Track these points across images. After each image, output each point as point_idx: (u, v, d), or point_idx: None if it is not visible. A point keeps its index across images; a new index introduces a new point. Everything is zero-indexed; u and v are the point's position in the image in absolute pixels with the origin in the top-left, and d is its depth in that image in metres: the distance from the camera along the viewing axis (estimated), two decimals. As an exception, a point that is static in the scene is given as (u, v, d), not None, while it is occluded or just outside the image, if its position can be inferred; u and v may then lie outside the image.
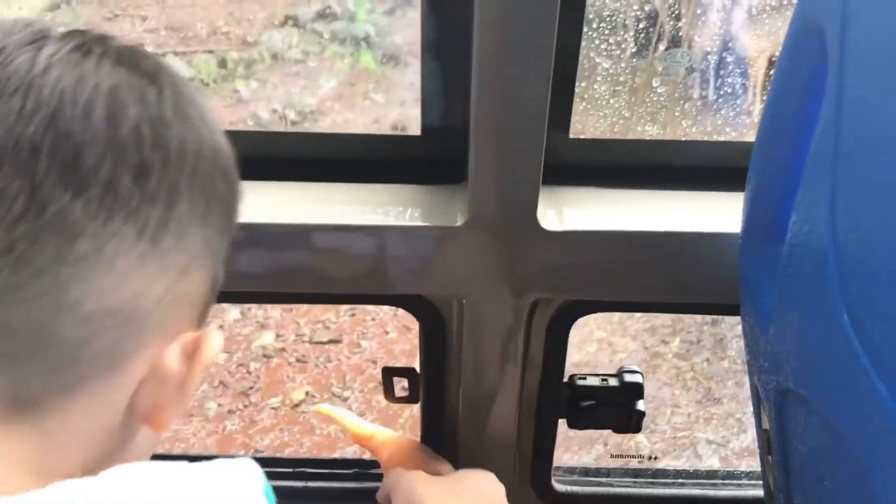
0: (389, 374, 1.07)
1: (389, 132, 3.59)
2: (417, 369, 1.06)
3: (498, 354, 0.98)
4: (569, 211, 0.88)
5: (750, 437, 2.73)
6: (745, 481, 1.17)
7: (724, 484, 1.16)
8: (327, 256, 0.88)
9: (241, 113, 3.75)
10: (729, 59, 2.32)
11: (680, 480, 1.16)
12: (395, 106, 3.79)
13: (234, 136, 0.92)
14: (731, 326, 3.10)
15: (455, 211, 0.88)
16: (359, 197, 0.90)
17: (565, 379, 1.05)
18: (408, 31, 3.81)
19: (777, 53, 0.76)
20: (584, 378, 1.05)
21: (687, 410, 2.89)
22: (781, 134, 0.70)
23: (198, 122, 0.51)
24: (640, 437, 2.92)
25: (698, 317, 3.07)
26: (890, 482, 0.50)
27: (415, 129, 0.89)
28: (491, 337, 0.95)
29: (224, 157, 0.54)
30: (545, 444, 1.09)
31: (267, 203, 0.88)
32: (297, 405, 3.07)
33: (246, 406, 3.06)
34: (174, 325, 0.51)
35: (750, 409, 0.82)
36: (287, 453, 2.69)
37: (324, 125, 3.71)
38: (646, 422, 1.09)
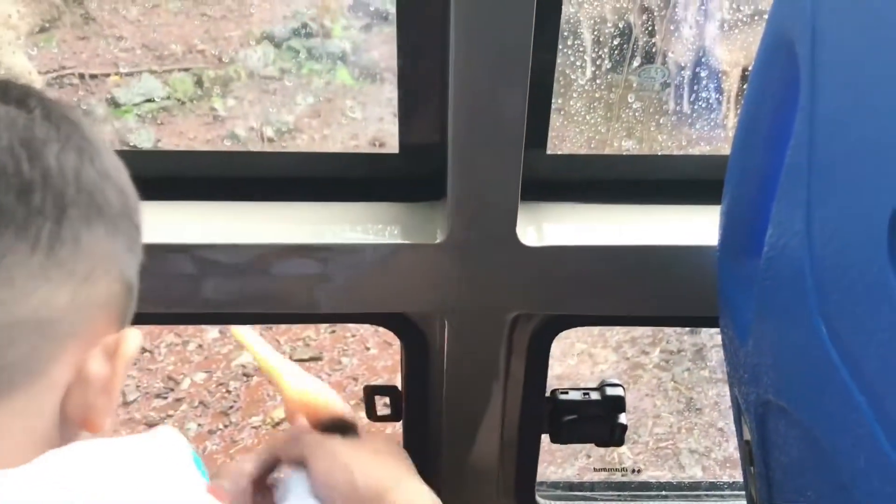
0: (371, 392, 1.06)
1: (367, 150, 3.59)
2: (399, 387, 1.06)
3: (480, 370, 0.98)
4: (548, 226, 0.88)
5: (732, 447, 2.74)
6: (727, 492, 1.18)
7: (707, 495, 1.17)
8: (305, 276, 0.88)
9: (219, 131, 3.73)
10: (702, 73, 2.35)
11: (663, 493, 1.16)
12: (373, 122, 3.78)
13: (212, 158, 0.92)
14: (711, 336, 3.12)
15: (434, 228, 0.88)
16: (337, 215, 0.90)
17: (547, 393, 1.05)
18: (384, 47, 3.82)
19: (750, 67, 0.77)
20: (566, 392, 1.05)
21: (668, 421, 2.90)
22: (755, 148, 0.71)
23: (75, 136, 0.53)
24: (622, 448, 2.93)
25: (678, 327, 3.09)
26: (871, 491, 0.50)
27: (393, 144, 0.90)
28: (473, 353, 0.95)
29: (108, 164, 0.56)
30: (528, 458, 1.09)
31: (246, 223, 0.88)
32: (278, 424, 3.05)
33: (226, 426, 3.03)
34: (90, 330, 0.53)
35: (731, 418, 0.83)
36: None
37: (301, 142, 3.70)
38: (628, 433, 1.09)
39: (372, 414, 1.08)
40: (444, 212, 0.87)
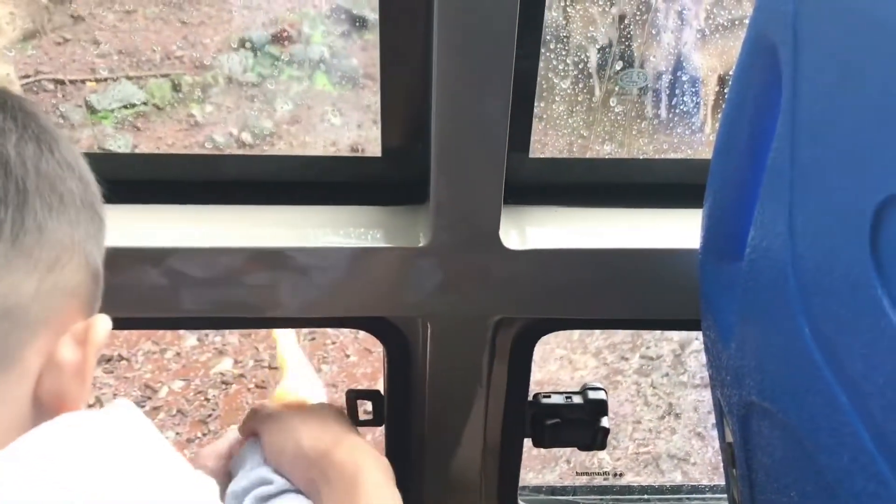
0: (353, 397, 1.06)
1: (349, 154, 3.58)
2: (381, 391, 1.05)
3: (462, 375, 0.98)
4: (531, 230, 0.88)
5: (711, 451, 2.76)
6: (709, 495, 1.18)
7: (688, 498, 1.17)
8: (287, 280, 0.88)
9: (197, 137, 3.71)
10: (683, 77, 2.36)
11: (645, 496, 1.16)
12: (352, 128, 3.78)
13: (190, 161, 0.92)
14: (690, 341, 3.14)
15: (417, 232, 0.88)
16: (319, 219, 0.89)
17: (529, 397, 1.05)
18: (363, 54, 3.81)
19: (728, 72, 0.77)
20: (549, 396, 1.05)
21: (648, 426, 2.91)
22: (737, 151, 0.71)
23: (32, 126, 0.54)
24: (602, 454, 2.95)
25: (657, 332, 3.11)
26: (855, 491, 0.51)
27: (372, 151, 0.90)
28: (455, 357, 0.95)
29: (67, 154, 0.56)
30: (511, 463, 1.09)
31: (225, 227, 0.87)
32: None
33: (205, 434, 3.02)
34: (59, 317, 0.54)
35: (711, 422, 0.83)
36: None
37: (280, 149, 3.69)
38: (608, 438, 1.10)
39: (354, 419, 1.07)
40: (426, 215, 0.87)
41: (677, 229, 0.88)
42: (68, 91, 3.59)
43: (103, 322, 0.56)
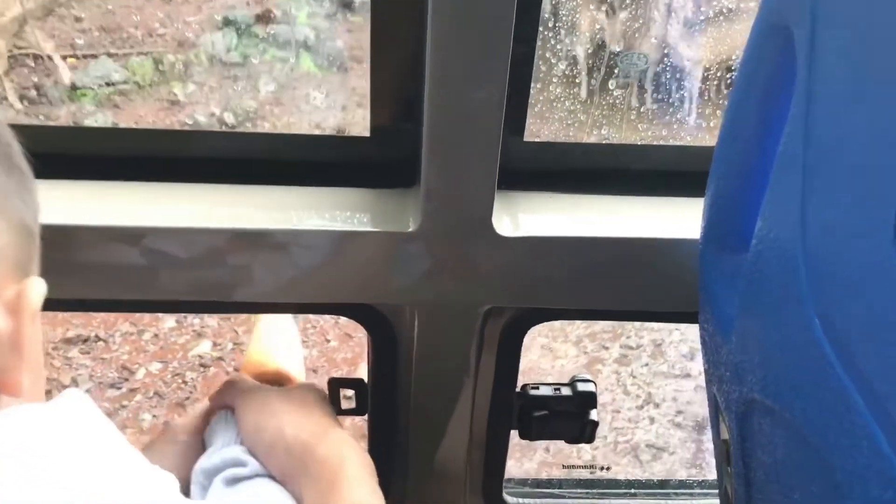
0: (336, 385, 1.02)
1: (338, 135, 3.55)
2: (364, 380, 1.02)
3: (450, 364, 0.95)
4: (524, 216, 0.85)
5: (690, 441, 2.77)
6: (697, 490, 1.16)
7: (676, 494, 1.15)
8: (269, 263, 0.84)
9: (179, 116, 3.67)
10: (685, 61, 2.33)
11: (632, 490, 1.14)
12: (336, 111, 3.76)
13: (169, 137, 0.88)
14: (670, 332, 3.14)
15: (406, 216, 0.84)
16: (303, 201, 0.86)
17: (517, 388, 1.02)
18: (348, 36, 3.78)
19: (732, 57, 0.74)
20: (537, 388, 1.02)
21: (628, 415, 2.91)
22: (744, 137, 0.69)
23: None
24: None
25: (637, 322, 3.10)
26: (869, 495, 0.48)
27: (356, 133, 0.86)
28: (443, 346, 0.92)
29: None
30: (497, 455, 1.06)
31: (205, 207, 0.84)
32: None
33: (180, 415, 3.01)
34: None
35: (690, 412, 0.81)
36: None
37: (263, 130, 3.66)
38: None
39: (336, 407, 1.04)
40: (416, 199, 0.83)
41: (675, 218, 0.85)
42: (47, 67, 3.53)
43: (37, 286, 0.52)
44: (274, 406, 0.81)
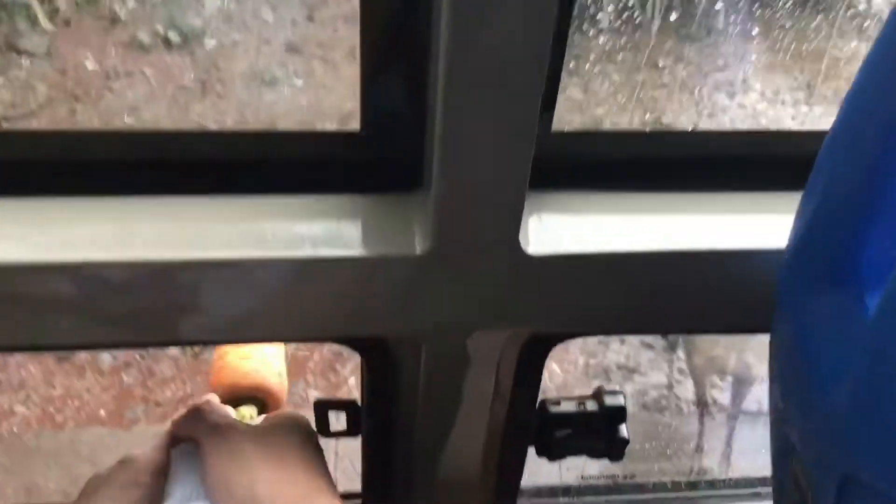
0: (324, 408, 0.87)
1: (279, 58, 3.36)
2: (357, 401, 0.87)
3: (461, 390, 0.79)
4: (558, 227, 0.68)
5: (661, 360, 2.74)
6: (724, 490, 1.04)
7: (704, 497, 1.03)
8: (234, 296, 0.67)
9: (120, 36, 3.42)
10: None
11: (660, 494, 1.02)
12: (288, 25, 3.54)
13: (108, 139, 0.68)
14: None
15: (409, 228, 0.67)
16: (276, 211, 0.68)
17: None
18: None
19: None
20: (558, 403, 0.88)
21: (597, 338, 2.85)
22: (866, 144, 0.52)
23: None
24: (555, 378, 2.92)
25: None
26: None
27: (312, 54, 0.67)
28: (455, 376, 0.76)
29: None
30: (511, 477, 0.93)
31: (153, 226, 0.65)
32: (198, 354, 2.95)
33: (143, 357, 2.92)
34: None
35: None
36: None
37: (210, 47, 3.45)
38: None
39: (324, 431, 0.89)
40: (421, 207, 0.66)
41: (744, 223, 0.69)
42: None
43: None
44: (246, 454, 0.67)
